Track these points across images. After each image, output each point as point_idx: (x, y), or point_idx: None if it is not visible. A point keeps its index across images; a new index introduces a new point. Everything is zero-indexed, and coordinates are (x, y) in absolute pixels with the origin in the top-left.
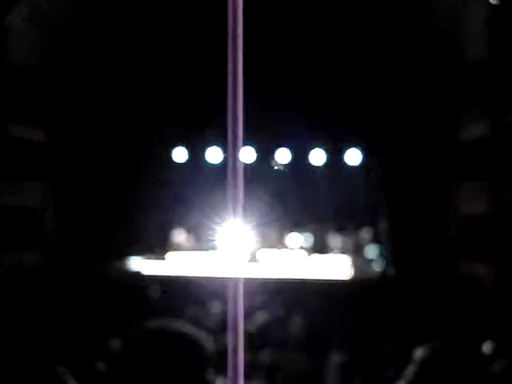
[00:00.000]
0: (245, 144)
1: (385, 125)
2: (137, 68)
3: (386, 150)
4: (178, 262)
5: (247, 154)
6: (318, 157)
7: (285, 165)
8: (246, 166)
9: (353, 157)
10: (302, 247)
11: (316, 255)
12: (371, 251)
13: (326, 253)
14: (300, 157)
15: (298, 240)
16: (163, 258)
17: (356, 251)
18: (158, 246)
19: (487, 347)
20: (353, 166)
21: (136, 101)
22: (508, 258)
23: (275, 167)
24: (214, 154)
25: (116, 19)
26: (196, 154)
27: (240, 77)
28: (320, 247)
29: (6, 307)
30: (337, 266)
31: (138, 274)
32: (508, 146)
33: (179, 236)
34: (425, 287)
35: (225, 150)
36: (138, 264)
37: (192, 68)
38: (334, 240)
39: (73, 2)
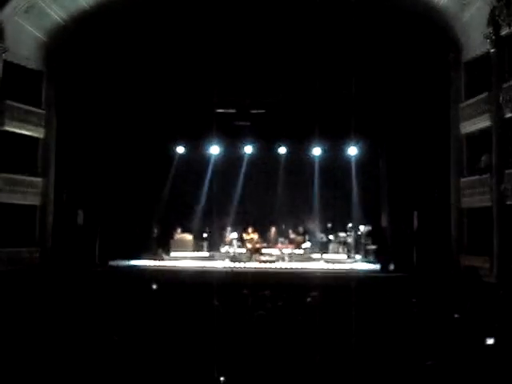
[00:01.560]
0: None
1: (385, 121)
2: (136, 66)
3: (386, 145)
4: (179, 259)
5: (248, 151)
6: (317, 153)
7: (284, 160)
8: (247, 161)
9: (352, 153)
10: (303, 243)
11: (318, 250)
12: (372, 247)
13: (327, 249)
14: (300, 153)
15: (299, 236)
16: (164, 255)
17: (357, 247)
18: (159, 243)
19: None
20: (353, 162)
21: (137, 98)
22: (509, 251)
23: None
24: (214, 151)
25: (115, 17)
26: (197, 150)
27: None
28: (320, 243)
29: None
30: (338, 262)
31: (138, 270)
32: (508, 140)
33: (180, 233)
34: (427, 281)
35: (225, 147)
36: (139, 260)
37: (191, 65)
38: (335, 236)
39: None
